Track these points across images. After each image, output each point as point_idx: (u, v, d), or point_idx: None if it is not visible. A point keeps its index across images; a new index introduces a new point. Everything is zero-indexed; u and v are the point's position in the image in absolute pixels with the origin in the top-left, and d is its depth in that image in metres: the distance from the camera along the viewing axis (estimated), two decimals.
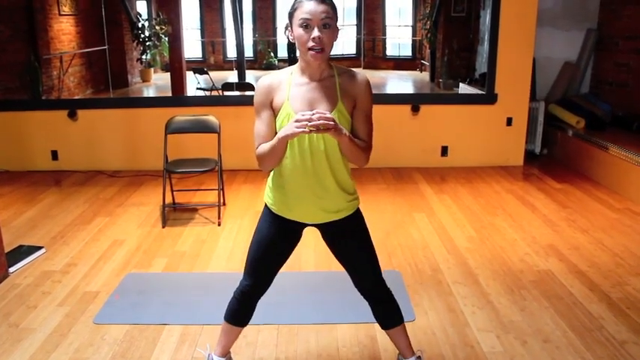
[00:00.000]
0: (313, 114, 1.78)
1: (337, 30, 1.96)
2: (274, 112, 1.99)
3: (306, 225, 2.15)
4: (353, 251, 2.17)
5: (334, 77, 2.00)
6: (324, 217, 2.09)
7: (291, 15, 1.96)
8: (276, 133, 1.97)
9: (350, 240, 2.16)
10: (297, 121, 1.80)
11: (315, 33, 1.87)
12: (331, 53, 1.96)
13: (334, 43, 1.95)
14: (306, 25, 1.89)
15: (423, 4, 10.22)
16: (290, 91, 1.97)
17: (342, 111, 1.97)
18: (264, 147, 1.96)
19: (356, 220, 2.16)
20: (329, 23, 1.89)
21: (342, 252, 2.19)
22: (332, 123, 1.79)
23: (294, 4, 1.95)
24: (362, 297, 2.24)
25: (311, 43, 1.88)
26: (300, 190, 2.04)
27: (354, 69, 2.07)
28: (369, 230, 2.19)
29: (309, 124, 1.77)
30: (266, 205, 2.17)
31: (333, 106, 1.95)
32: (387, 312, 2.25)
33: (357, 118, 2.01)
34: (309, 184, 2.02)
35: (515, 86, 5.61)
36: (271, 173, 2.13)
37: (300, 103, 1.95)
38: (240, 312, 2.25)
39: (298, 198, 2.06)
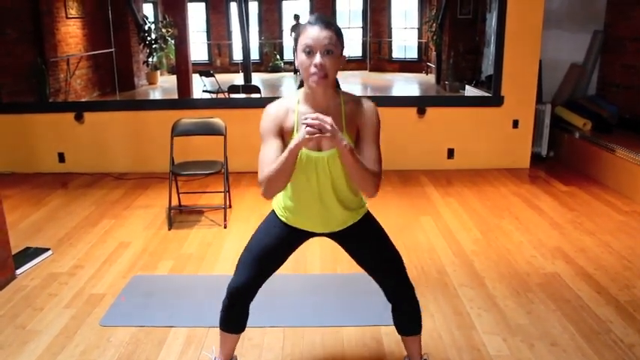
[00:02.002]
0: (315, 118, 1.75)
1: (343, 57, 1.93)
2: (283, 139, 1.98)
3: (313, 235, 2.17)
4: (369, 254, 2.17)
5: (340, 105, 1.98)
6: (332, 228, 2.13)
7: (296, 40, 1.93)
8: None
9: (364, 244, 2.16)
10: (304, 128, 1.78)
11: (317, 59, 1.84)
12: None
13: (338, 69, 1.92)
14: (309, 51, 1.86)
15: (429, 6, 10.21)
16: (298, 120, 1.95)
17: (347, 141, 1.95)
18: (271, 167, 1.89)
19: (366, 223, 2.17)
20: (332, 49, 1.86)
21: (359, 257, 2.19)
22: (328, 127, 1.74)
23: (298, 30, 1.93)
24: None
25: (313, 69, 1.85)
26: (307, 209, 2.09)
27: (363, 98, 2.04)
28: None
29: (308, 128, 1.75)
30: (273, 210, 2.17)
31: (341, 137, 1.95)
32: (411, 318, 2.22)
33: (362, 145, 1.98)
34: (315, 206, 2.07)
35: (522, 88, 5.60)
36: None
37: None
38: (233, 317, 2.22)
39: (306, 215, 2.11)
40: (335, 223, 2.12)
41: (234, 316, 2.22)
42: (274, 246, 2.15)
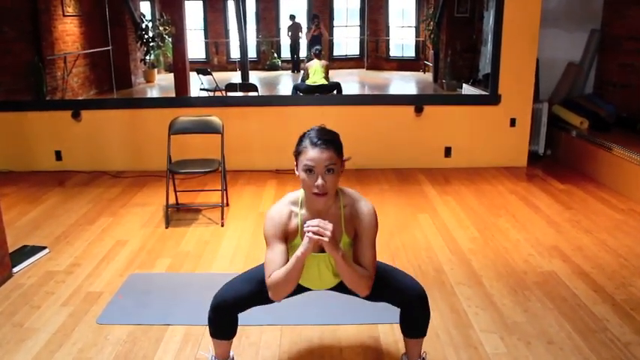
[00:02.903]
0: (316, 225, 1.85)
1: (343, 164, 2.00)
2: (288, 241, 2.06)
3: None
4: (376, 292, 2.16)
5: (340, 209, 2.06)
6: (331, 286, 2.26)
7: (296, 155, 1.99)
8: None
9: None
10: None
11: (319, 181, 1.91)
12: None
13: (338, 182, 2.01)
14: (310, 171, 1.92)
15: (426, 4, 10.22)
16: (301, 224, 2.03)
17: (347, 243, 2.06)
18: (279, 272, 1.96)
19: None
20: (333, 168, 1.93)
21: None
22: (327, 235, 1.84)
23: (299, 146, 1.98)
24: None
25: (315, 190, 1.92)
26: (307, 283, 2.22)
27: (361, 200, 2.10)
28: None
29: (310, 234, 1.85)
30: None
31: (338, 241, 2.01)
32: (419, 323, 2.23)
33: (359, 246, 2.06)
34: (315, 284, 2.24)
35: (519, 87, 5.60)
36: None
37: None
38: (221, 328, 2.23)
39: (306, 283, 2.23)
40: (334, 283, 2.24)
41: (220, 326, 2.23)
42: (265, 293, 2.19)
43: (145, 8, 9.73)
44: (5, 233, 3.37)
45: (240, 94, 7.60)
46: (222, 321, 2.20)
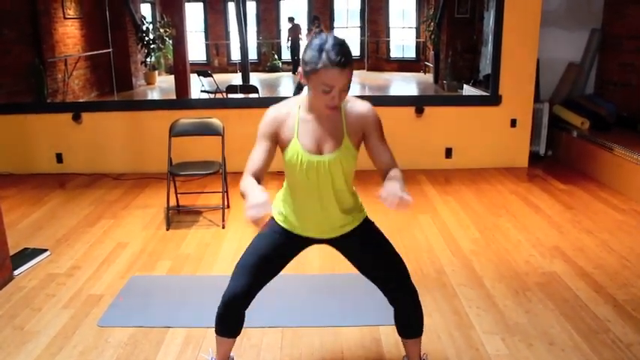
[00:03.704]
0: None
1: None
2: (280, 144, 2.02)
3: (312, 242, 2.18)
4: (371, 260, 2.16)
5: (341, 116, 2.01)
6: (330, 233, 2.13)
7: (309, 71, 1.87)
8: (268, 164, 2.00)
9: (365, 250, 2.16)
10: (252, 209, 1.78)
11: (336, 100, 1.88)
12: None
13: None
14: (329, 90, 1.86)
15: (427, 5, 10.22)
16: (298, 127, 1.99)
17: (349, 146, 2.00)
18: (245, 183, 1.90)
19: (366, 229, 2.17)
20: (349, 85, 1.90)
21: (360, 263, 2.19)
22: (410, 201, 1.86)
23: (313, 63, 1.84)
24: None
25: (331, 104, 1.89)
26: (305, 210, 2.10)
27: (358, 102, 2.04)
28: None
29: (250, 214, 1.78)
30: (272, 217, 2.17)
31: (339, 143, 1.98)
32: (412, 322, 2.21)
33: (374, 147, 2.03)
34: (314, 208, 2.07)
35: (520, 87, 5.60)
36: (282, 188, 2.18)
37: (308, 140, 1.98)
38: (228, 323, 2.21)
39: (304, 217, 2.11)
40: (334, 228, 2.12)
41: (229, 323, 2.21)
42: (272, 253, 2.15)
43: (146, 10, 9.74)
44: (6, 235, 3.37)
45: (240, 95, 7.60)
46: (233, 318, 2.18)
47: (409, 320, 2.20)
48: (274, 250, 2.15)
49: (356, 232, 2.14)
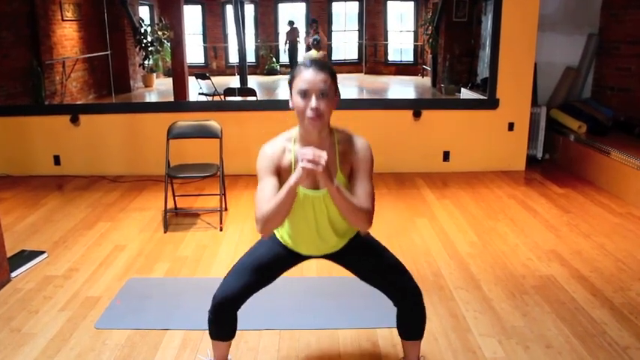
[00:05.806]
0: (310, 154, 1.78)
1: (337, 97, 1.97)
2: (280, 178, 2.01)
3: (311, 257, 2.22)
4: (370, 266, 2.19)
5: (334, 145, 2.01)
6: (326, 251, 2.19)
7: (290, 83, 1.96)
8: None
9: (362, 257, 2.19)
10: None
11: (313, 103, 1.87)
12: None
13: (332, 110, 1.95)
14: (305, 94, 1.89)
15: (425, 9, 10.25)
16: (294, 159, 1.99)
17: (342, 179, 2.01)
18: (270, 203, 1.90)
19: (360, 238, 2.19)
20: (327, 92, 1.89)
21: (361, 271, 2.22)
22: (322, 164, 1.76)
23: (293, 72, 1.96)
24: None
25: (309, 113, 1.88)
26: (302, 236, 2.14)
27: (356, 136, 2.06)
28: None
29: (304, 161, 1.77)
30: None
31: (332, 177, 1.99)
32: (416, 323, 2.23)
33: (355, 181, 2.01)
34: (310, 235, 2.12)
35: (517, 91, 5.62)
36: None
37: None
38: (221, 327, 2.22)
39: (301, 241, 2.16)
40: (330, 247, 2.17)
41: (222, 326, 2.22)
42: (270, 260, 2.18)
43: (144, 13, 9.74)
44: (3, 237, 3.36)
45: (238, 98, 7.61)
46: (224, 320, 2.19)
47: (412, 322, 2.22)
48: (273, 257, 2.19)
49: (351, 243, 2.19)
